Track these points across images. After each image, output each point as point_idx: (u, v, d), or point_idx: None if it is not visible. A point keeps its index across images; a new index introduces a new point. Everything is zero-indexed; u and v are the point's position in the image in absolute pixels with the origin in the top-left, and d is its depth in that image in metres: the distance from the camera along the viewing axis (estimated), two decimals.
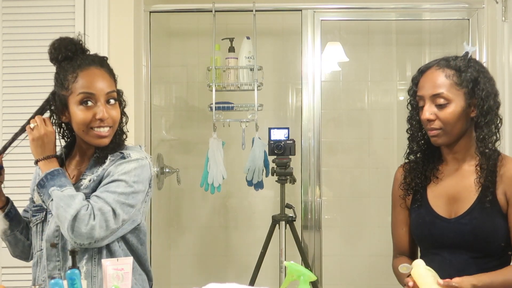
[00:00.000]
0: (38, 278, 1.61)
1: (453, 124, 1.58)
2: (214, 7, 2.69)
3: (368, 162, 3.42)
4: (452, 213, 1.62)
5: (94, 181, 1.57)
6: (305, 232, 2.72)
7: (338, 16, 2.90)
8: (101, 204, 1.48)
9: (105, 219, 1.47)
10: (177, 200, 3.43)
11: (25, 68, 2.45)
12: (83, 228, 1.44)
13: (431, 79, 1.60)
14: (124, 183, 1.52)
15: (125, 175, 1.53)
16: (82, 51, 1.62)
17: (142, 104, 2.63)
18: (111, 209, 1.48)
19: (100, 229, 1.46)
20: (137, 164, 1.57)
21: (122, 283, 1.31)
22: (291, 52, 3.29)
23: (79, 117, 1.55)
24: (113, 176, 1.54)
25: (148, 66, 2.70)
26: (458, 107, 1.57)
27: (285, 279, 1.27)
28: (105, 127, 1.56)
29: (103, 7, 2.47)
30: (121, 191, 1.51)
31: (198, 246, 3.46)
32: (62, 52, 1.58)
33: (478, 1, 2.64)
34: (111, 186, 1.52)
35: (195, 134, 3.39)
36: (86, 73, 1.56)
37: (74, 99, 1.55)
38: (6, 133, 2.48)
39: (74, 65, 1.56)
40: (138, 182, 1.55)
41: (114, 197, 1.50)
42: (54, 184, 1.51)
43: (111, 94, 1.58)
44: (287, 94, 3.44)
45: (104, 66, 1.61)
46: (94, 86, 1.55)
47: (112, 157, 1.60)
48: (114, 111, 1.59)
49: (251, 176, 2.66)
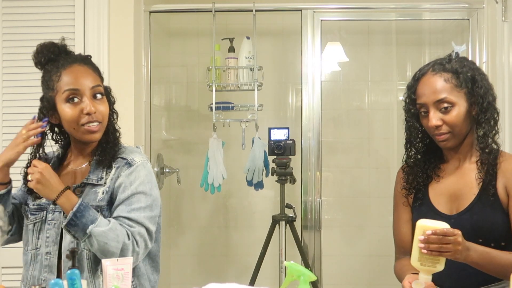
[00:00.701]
0: (34, 278, 1.59)
1: (460, 126, 1.59)
2: (214, 7, 2.69)
3: (368, 162, 3.42)
4: (453, 210, 1.62)
5: (107, 192, 1.57)
6: (305, 232, 2.72)
7: (338, 16, 2.90)
8: (138, 228, 1.53)
9: (145, 241, 1.55)
10: (177, 200, 3.43)
11: (25, 68, 2.45)
12: (129, 254, 1.50)
13: (430, 85, 1.60)
14: (144, 195, 1.57)
15: (141, 186, 1.57)
16: (65, 53, 1.63)
17: (142, 104, 2.63)
18: (145, 229, 1.54)
19: (142, 253, 1.56)
20: (145, 170, 1.61)
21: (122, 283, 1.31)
22: (291, 52, 3.29)
23: (67, 114, 1.55)
24: (128, 188, 1.56)
25: (148, 66, 2.71)
26: (462, 108, 1.58)
27: (285, 279, 1.27)
28: (93, 122, 1.56)
29: (103, 7, 2.47)
30: (145, 204, 1.56)
31: (198, 246, 3.46)
32: (45, 54, 1.59)
33: (478, 1, 2.64)
34: (133, 202, 1.55)
35: (195, 134, 3.39)
36: (69, 70, 1.57)
37: (60, 97, 1.56)
38: (6, 133, 2.48)
39: (58, 65, 1.58)
40: (153, 188, 1.61)
41: (144, 214, 1.55)
42: (87, 222, 1.47)
43: (96, 88, 1.58)
44: (287, 94, 3.44)
45: (87, 63, 1.62)
46: (78, 82, 1.56)
47: (116, 164, 1.60)
48: (101, 106, 1.59)
49: (251, 176, 2.66)
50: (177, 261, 3.44)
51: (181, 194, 3.41)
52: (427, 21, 3.20)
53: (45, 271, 1.58)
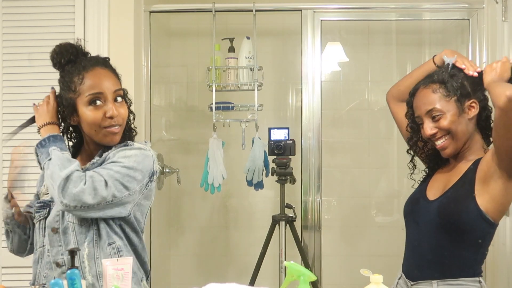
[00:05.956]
0: (39, 275, 1.62)
1: (455, 129, 1.65)
2: (214, 7, 2.69)
3: (368, 162, 3.42)
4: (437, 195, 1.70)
5: (94, 163, 1.59)
6: (305, 232, 2.72)
7: (338, 16, 2.90)
8: (93, 173, 1.51)
9: (94, 187, 1.48)
10: (177, 200, 3.43)
11: (25, 68, 2.45)
12: (73, 189, 1.46)
13: (421, 99, 1.70)
14: (121, 164, 1.55)
15: (124, 158, 1.56)
16: (83, 54, 1.65)
17: (142, 104, 2.64)
18: (103, 179, 1.50)
19: (88, 195, 1.47)
20: (138, 152, 1.59)
21: (122, 283, 1.31)
22: (291, 52, 3.29)
23: (90, 117, 1.57)
24: (110, 158, 1.57)
25: (148, 66, 2.71)
26: (452, 115, 1.65)
27: (285, 279, 1.27)
28: (115, 125, 1.59)
29: (103, 7, 2.47)
30: (117, 170, 1.53)
31: (198, 246, 3.46)
32: (65, 56, 1.60)
33: (478, 1, 2.64)
34: (107, 165, 1.55)
35: (195, 134, 3.39)
36: (92, 73, 1.58)
37: (82, 100, 1.57)
38: (6, 133, 2.48)
39: (79, 67, 1.59)
40: (136, 168, 1.56)
41: (108, 172, 1.52)
42: (55, 145, 1.54)
43: (118, 92, 1.61)
44: (287, 94, 3.44)
45: (108, 66, 1.65)
46: (101, 86, 1.58)
47: (115, 147, 1.62)
48: (122, 109, 1.62)
49: (251, 176, 2.66)
50: (177, 261, 3.44)
51: (181, 194, 3.41)
52: (427, 21, 3.20)
53: (46, 267, 1.60)
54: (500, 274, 2.45)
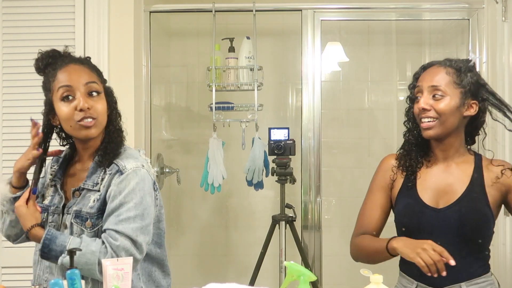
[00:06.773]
0: (39, 277, 1.62)
1: (447, 116, 1.64)
2: (214, 7, 2.69)
3: (368, 162, 3.41)
4: (440, 204, 1.68)
5: (98, 200, 1.57)
6: (305, 232, 2.72)
7: (338, 16, 2.91)
8: (123, 242, 1.49)
9: (131, 255, 1.49)
10: (177, 200, 3.43)
11: (25, 68, 2.44)
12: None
13: (432, 73, 1.68)
14: (133, 204, 1.53)
15: (131, 194, 1.53)
16: (65, 56, 1.63)
17: (142, 104, 2.64)
18: (131, 242, 1.50)
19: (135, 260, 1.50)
20: (137, 178, 1.56)
21: (122, 283, 1.31)
22: (291, 52, 3.29)
23: (63, 113, 1.55)
24: (117, 197, 1.53)
25: (148, 66, 2.71)
26: (452, 102, 1.64)
27: (285, 279, 1.27)
28: (88, 118, 1.55)
29: (103, 7, 2.47)
30: (135, 214, 1.52)
31: (198, 246, 3.46)
32: (44, 60, 1.60)
33: (478, 1, 2.64)
34: (122, 213, 1.52)
35: (195, 134, 3.39)
36: (64, 69, 1.58)
37: (56, 97, 1.56)
38: (6, 133, 2.48)
39: (55, 67, 1.59)
40: (144, 196, 1.56)
41: (132, 226, 1.51)
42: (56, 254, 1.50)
43: (90, 85, 1.57)
44: (287, 94, 3.44)
45: (84, 63, 1.62)
46: (71, 79, 1.56)
47: (110, 170, 1.58)
48: (97, 103, 1.57)
49: (251, 176, 2.66)
50: (177, 261, 3.43)
51: (181, 194, 3.41)
52: (427, 21, 3.20)
53: (47, 271, 1.60)
54: (500, 274, 2.45)
